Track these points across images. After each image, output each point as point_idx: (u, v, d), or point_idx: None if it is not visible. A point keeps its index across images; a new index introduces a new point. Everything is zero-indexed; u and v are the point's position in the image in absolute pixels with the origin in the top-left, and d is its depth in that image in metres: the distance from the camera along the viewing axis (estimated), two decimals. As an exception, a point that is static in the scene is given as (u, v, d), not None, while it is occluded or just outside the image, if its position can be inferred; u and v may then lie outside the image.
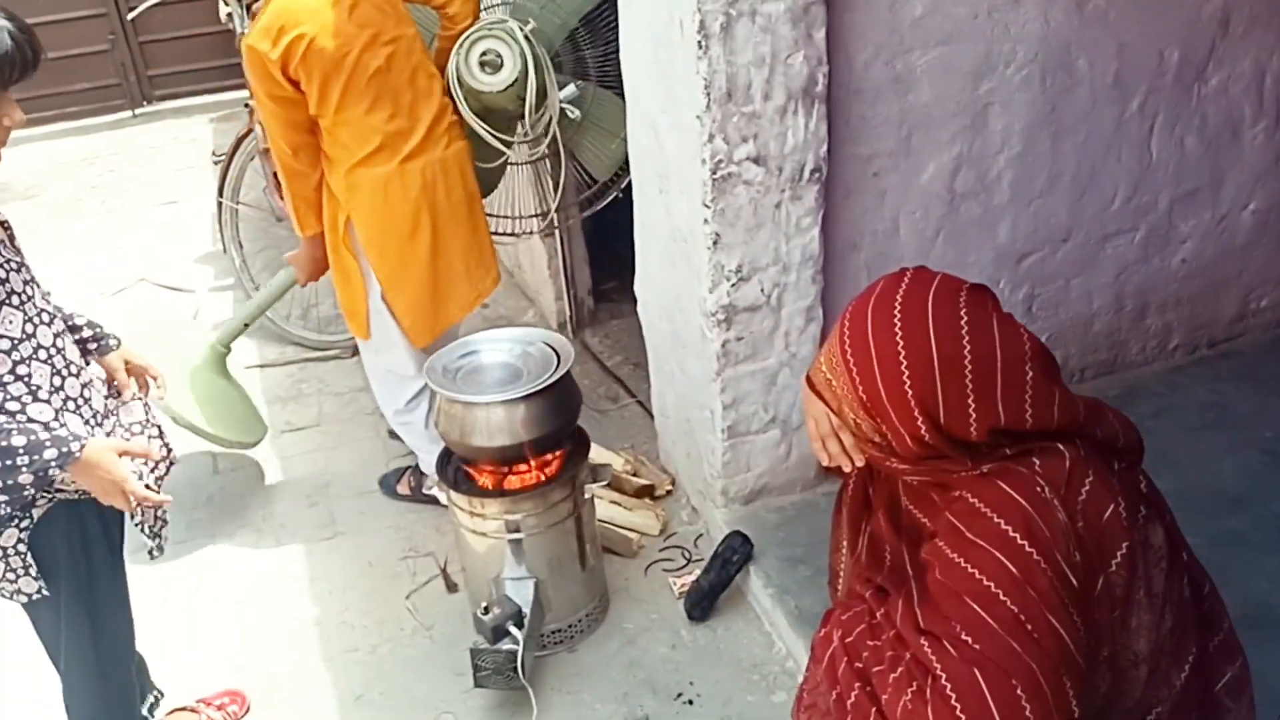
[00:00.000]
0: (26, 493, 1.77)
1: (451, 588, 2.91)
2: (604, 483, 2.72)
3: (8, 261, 1.80)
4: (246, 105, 4.22)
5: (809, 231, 2.65)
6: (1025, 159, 2.93)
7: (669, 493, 3.19)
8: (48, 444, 1.74)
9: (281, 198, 4.09)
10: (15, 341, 1.80)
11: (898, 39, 2.63)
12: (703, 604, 2.71)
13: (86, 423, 1.89)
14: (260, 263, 4.57)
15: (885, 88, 2.67)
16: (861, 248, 2.84)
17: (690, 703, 2.50)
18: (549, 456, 2.56)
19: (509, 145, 3.22)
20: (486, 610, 2.42)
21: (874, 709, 1.62)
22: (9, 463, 1.71)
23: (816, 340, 2.79)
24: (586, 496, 2.62)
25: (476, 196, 3.00)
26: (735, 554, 2.71)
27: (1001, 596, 1.49)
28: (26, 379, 1.81)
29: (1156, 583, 1.58)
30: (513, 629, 2.42)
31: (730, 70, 2.38)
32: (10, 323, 1.79)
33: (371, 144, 2.74)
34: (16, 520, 1.84)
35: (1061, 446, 1.57)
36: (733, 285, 2.62)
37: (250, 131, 4.08)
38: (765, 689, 2.53)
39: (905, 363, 1.54)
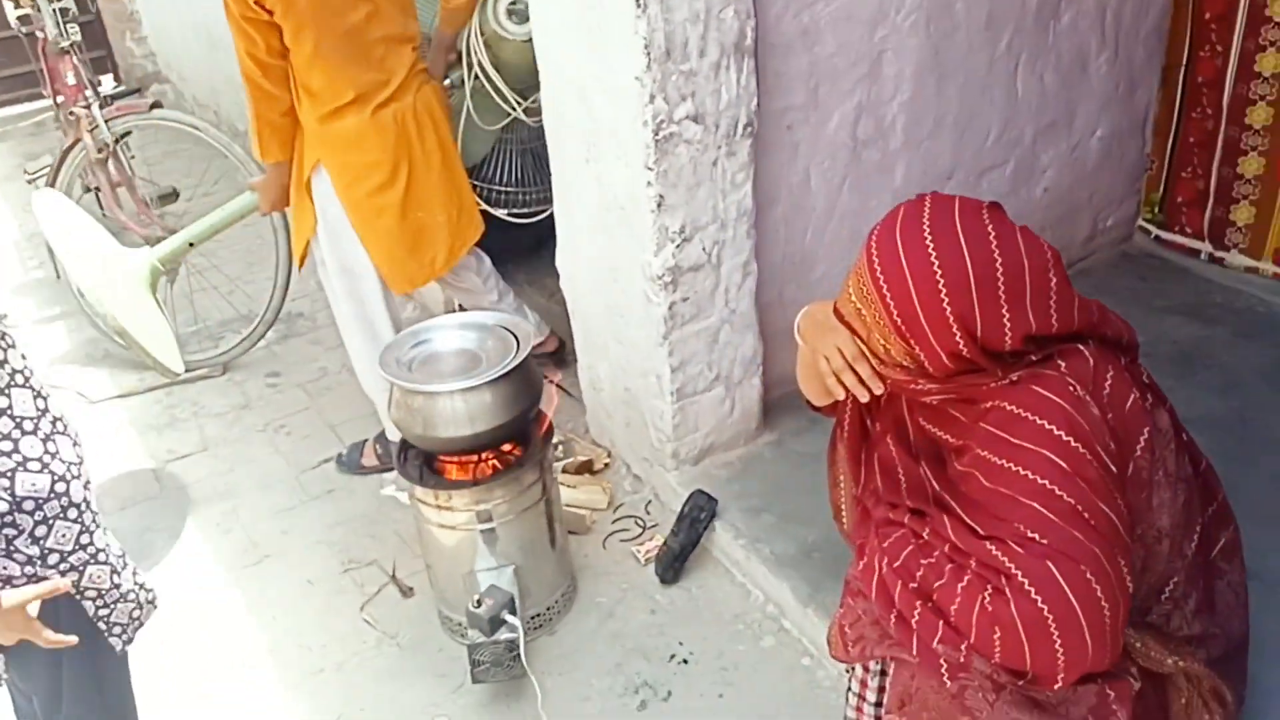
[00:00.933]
0: None
1: (406, 593, 2.78)
2: (568, 459, 2.66)
3: (3, 336, 1.60)
4: (71, 114, 3.86)
5: (742, 187, 2.68)
6: (914, 104, 3.05)
7: (606, 466, 3.16)
8: None
9: (119, 206, 3.80)
10: (36, 420, 1.61)
11: (804, -9, 2.69)
12: (675, 565, 2.71)
13: (76, 460, 1.71)
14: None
15: (795, 41, 2.72)
16: (779, 201, 2.89)
17: (685, 661, 2.50)
18: (518, 440, 2.49)
19: (519, 105, 3.29)
20: (479, 603, 2.34)
21: (940, 621, 1.67)
22: None
23: (753, 294, 2.83)
24: (554, 475, 2.57)
25: (450, 145, 2.99)
26: (702, 512, 2.72)
27: (1057, 491, 1.56)
28: (9, 411, 1.62)
29: (1169, 462, 1.70)
30: (508, 617, 2.35)
31: (668, 28, 2.37)
32: (24, 403, 1.60)
33: (345, 97, 2.72)
34: None
35: (1080, 347, 1.67)
36: (677, 247, 2.62)
37: (78, 141, 3.74)
38: (753, 637, 2.56)
39: (942, 280, 1.59)
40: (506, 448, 2.49)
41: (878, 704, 1.89)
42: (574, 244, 2.95)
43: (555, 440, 3.14)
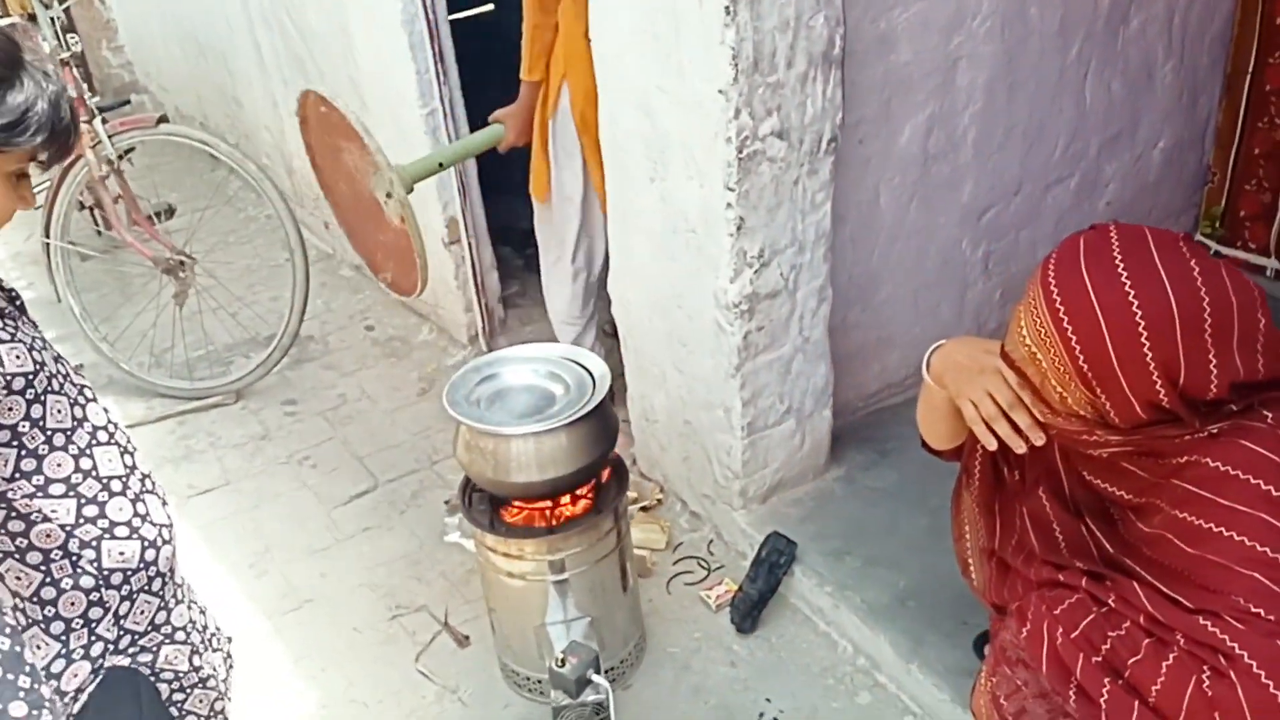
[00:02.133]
0: None
1: (462, 642, 2.59)
2: (643, 503, 2.48)
3: (34, 340, 1.39)
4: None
5: (822, 207, 2.50)
6: (985, 114, 2.89)
7: (659, 502, 2.97)
8: (20, 692, 1.19)
9: (121, 224, 3.57)
10: (69, 432, 1.40)
11: (882, -5, 2.52)
12: (753, 614, 2.53)
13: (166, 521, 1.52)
14: (105, 309, 3.96)
15: (871, 49, 2.55)
16: (848, 220, 2.72)
17: (776, 721, 2.32)
18: (590, 485, 2.30)
19: None
20: (563, 662, 2.14)
21: (1136, 701, 1.50)
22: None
23: (827, 320, 2.66)
24: (628, 521, 2.38)
25: None
26: (781, 556, 2.55)
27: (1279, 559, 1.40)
28: (93, 471, 1.42)
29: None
30: (595, 677, 2.15)
31: (757, 37, 2.19)
32: (59, 412, 1.39)
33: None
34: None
35: None
36: (755, 272, 2.44)
37: (79, 158, 3.49)
38: (846, 693, 2.38)
39: (1142, 321, 1.42)
40: (581, 492, 2.29)
41: (1028, 784, 1.72)
42: (630, 267, 2.76)
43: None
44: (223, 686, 1.66)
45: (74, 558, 1.41)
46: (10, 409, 1.34)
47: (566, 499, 2.27)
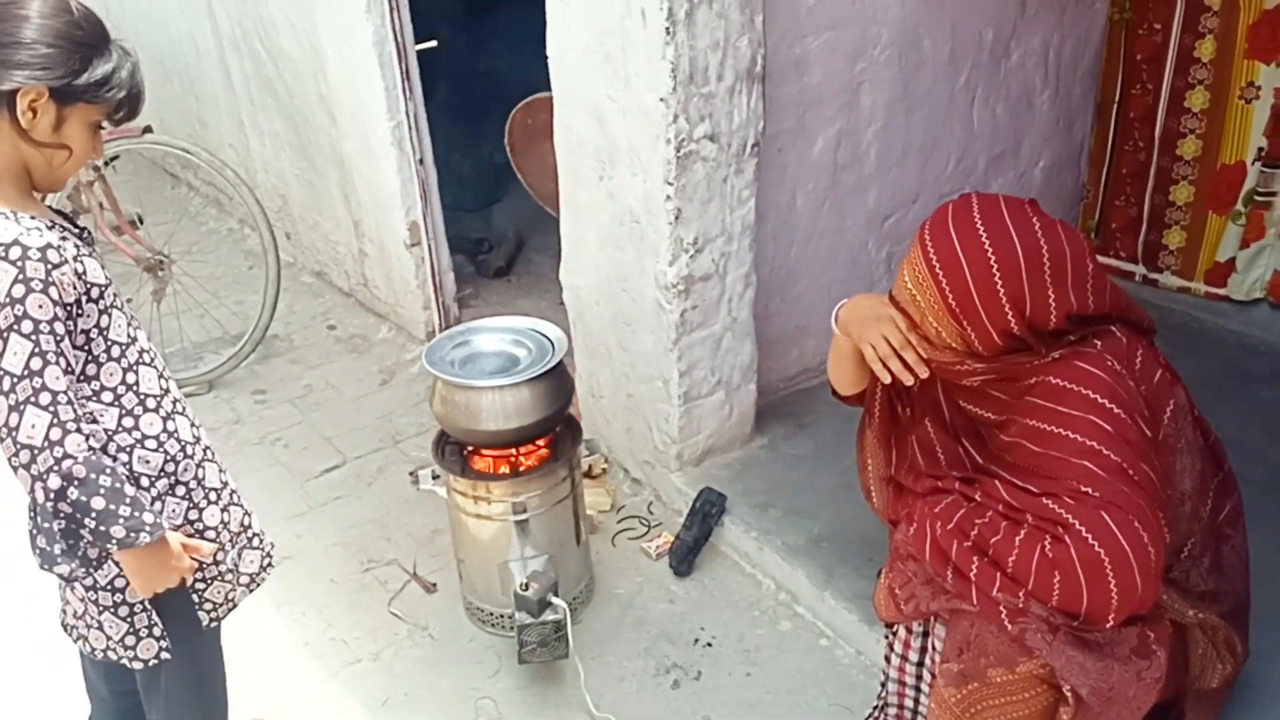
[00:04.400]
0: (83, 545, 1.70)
1: (429, 589, 2.89)
2: (594, 455, 2.82)
3: (103, 262, 1.70)
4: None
5: (748, 203, 2.90)
6: (886, 131, 3.33)
7: (604, 471, 3.32)
8: (120, 519, 1.60)
9: (108, 227, 3.82)
10: (124, 347, 1.70)
11: (797, 25, 2.94)
12: (689, 558, 2.89)
13: (192, 439, 1.81)
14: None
15: (788, 69, 2.97)
16: (768, 219, 3.12)
17: (709, 645, 2.67)
18: (548, 438, 2.64)
19: None
20: (526, 586, 2.47)
21: (998, 572, 1.88)
22: (71, 525, 1.62)
23: (752, 304, 3.05)
24: (580, 472, 2.73)
25: None
26: (713, 507, 2.91)
27: (1104, 450, 1.79)
28: (135, 387, 1.72)
29: (1188, 432, 1.96)
30: (553, 599, 2.49)
31: (692, 54, 2.59)
32: (119, 326, 1.69)
33: None
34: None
35: (1112, 328, 1.92)
36: (690, 257, 2.82)
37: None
38: (770, 621, 2.74)
39: (995, 263, 1.82)
40: (540, 443, 2.63)
41: (919, 662, 2.09)
42: (580, 257, 3.13)
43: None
44: (245, 579, 1.95)
45: (111, 459, 1.67)
46: (88, 315, 1.65)
47: (528, 448, 2.61)
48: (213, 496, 1.86)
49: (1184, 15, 3.49)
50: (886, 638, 2.17)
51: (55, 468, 1.54)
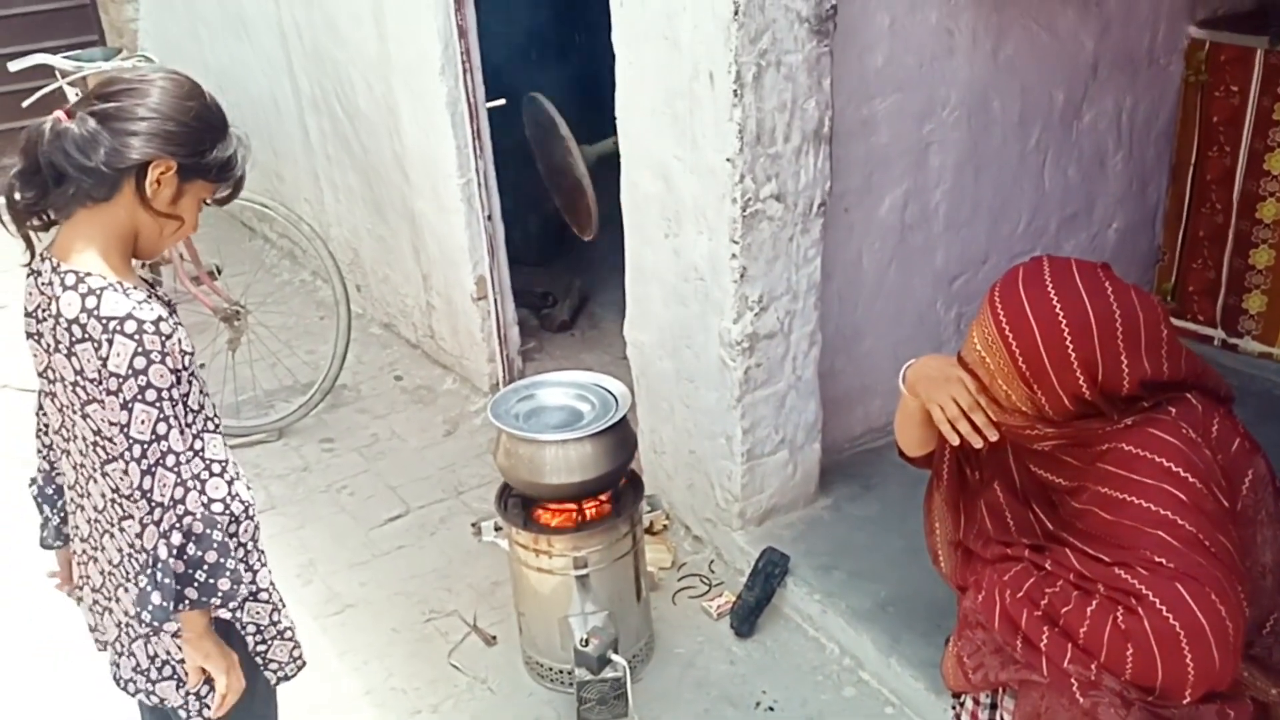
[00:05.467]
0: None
1: (489, 641, 2.89)
2: (655, 511, 2.82)
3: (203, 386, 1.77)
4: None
5: (813, 262, 2.90)
6: (954, 192, 3.32)
7: (665, 527, 3.30)
8: (226, 573, 1.70)
9: (188, 278, 3.93)
10: (195, 413, 1.75)
11: (865, 86, 2.95)
12: (750, 619, 2.85)
13: (251, 501, 1.85)
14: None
15: (855, 130, 2.98)
16: (834, 277, 3.12)
17: (770, 709, 2.63)
18: (610, 493, 2.64)
19: None
20: (587, 641, 2.46)
21: (1069, 643, 1.83)
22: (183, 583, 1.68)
23: (817, 362, 3.03)
24: (642, 528, 2.72)
25: None
26: (776, 567, 2.88)
27: (1179, 520, 1.75)
28: (202, 452, 1.75)
29: (1268, 503, 1.90)
30: (614, 656, 2.47)
31: (760, 115, 2.61)
32: (195, 394, 1.74)
33: None
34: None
35: (1188, 395, 1.87)
36: (755, 315, 2.82)
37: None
38: (834, 687, 2.69)
39: (1066, 327, 1.80)
40: (602, 498, 2.64)
41: (987, 733, 2.04)
42: (645, 313, 3.14)
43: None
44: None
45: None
46: (183, 381, 1.70)
47: (590, 503, 2.61)
48: (265, 559, 1.90)
49: (1262, 78, 3.44)
50: (954, 708, 2.12)
51: (178, 524, 1.65)
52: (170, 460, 1.64)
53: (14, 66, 4.09)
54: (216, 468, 1.78)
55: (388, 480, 3.67)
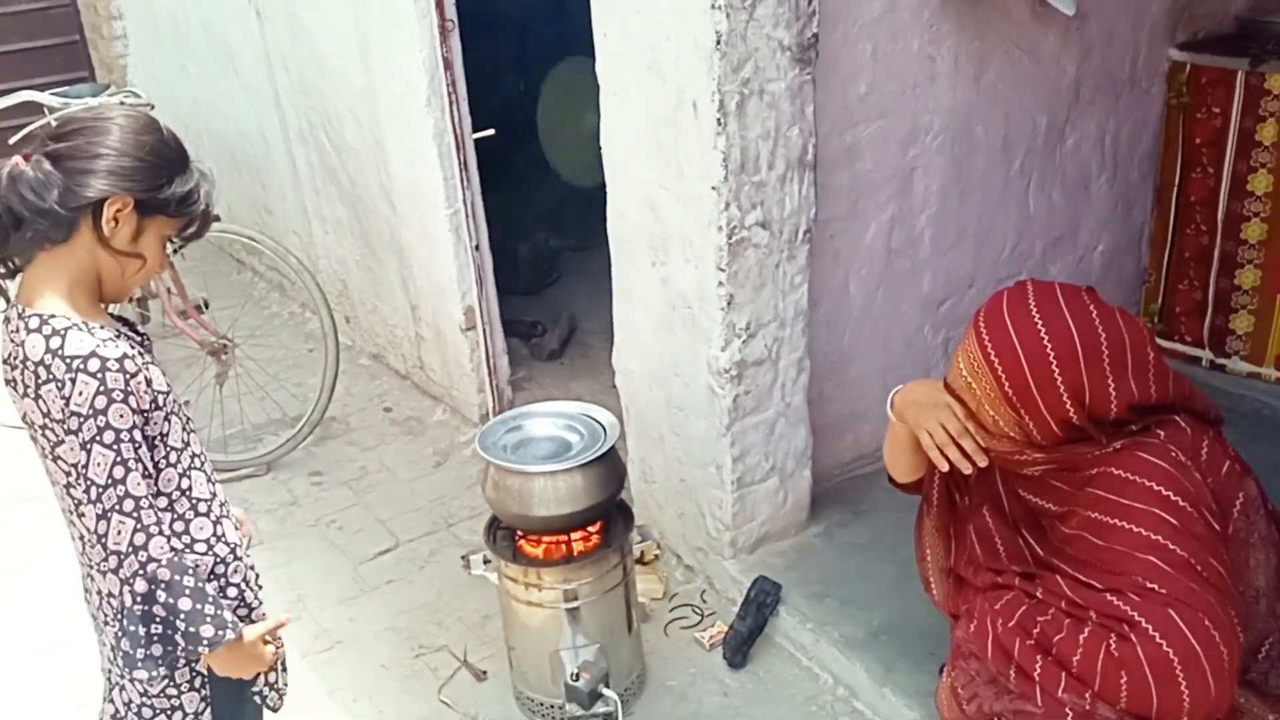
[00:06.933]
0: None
1: (480, 676, 2.86)
2: (646, 541, 2.80)
3: (188, 422, 1.75)
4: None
5: (800, 288, 2.90)
6: (940, 217, 3.32)
7: (656, 557, 3.28)
8: (207, 618, 1.66)
9: (174, 313, 3.92)
10: (179, 452, 1.73)
11: (848, 113, 2.96)
12: (743, 649, 2.83)
13: (239, 541, 1.83)
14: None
15: (840, 157, 2.99)
16: (821, 304, 3.12)
17: (764, 742, 2.60)
18: (600, 524, 2.62)
19: None
20: (577, 676, 2.44)
21: (1063, 672, 1.82)
22: (167, 630, 1.65)
23: (806, 389, 3.02)
24: (633, 559, 2.70)
25: None
26: (767, 596, 2.86)
27: (1170, 545, 1.74)
28: (189, 491, 1.74)
29: (1260, 526, 1.90)
30: (605, 691, 2.45)
31: (744, 144, 2.62)
32: (176, 432, 1.72)
33: None
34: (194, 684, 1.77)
35: (1176, 418, 1.87)
36: (743, 342, 2.81)
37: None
38: (828, 717, 2.67)
39: (1052, 353, 1.79)
40: (592, 529, 2.62)
41: (982, 763, 2.01)
42: (633, 342, 3.14)
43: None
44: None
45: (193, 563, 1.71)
46: (153, 422, 1.68)
47: (579, 534, 2.59)
48: (260, 597, 1.88)
49: (1243, 99, 3.46)
50: (946, 738, 2.10)
51: (140, 571, 1.61)
52: (128, 505, 1.60)
53: (0, 104, 4.09)
54: (203, 507, 1.76)
55: (377, 513, 3.64)
